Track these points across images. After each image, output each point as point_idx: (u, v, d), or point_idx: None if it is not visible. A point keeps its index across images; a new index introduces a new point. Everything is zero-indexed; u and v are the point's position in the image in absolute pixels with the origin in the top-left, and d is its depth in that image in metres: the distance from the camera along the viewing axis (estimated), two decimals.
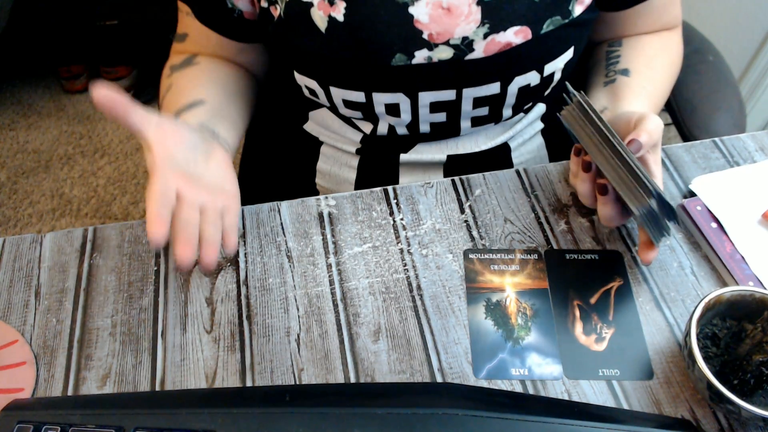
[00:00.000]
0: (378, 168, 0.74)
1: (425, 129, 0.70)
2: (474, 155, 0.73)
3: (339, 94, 0.65)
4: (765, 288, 0.58)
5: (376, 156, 0.74)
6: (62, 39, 1.85)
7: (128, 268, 0.61)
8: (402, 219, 0.64)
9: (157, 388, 0.54)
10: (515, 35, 0.60)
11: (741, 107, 0.85)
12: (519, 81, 0.64)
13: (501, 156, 0.74)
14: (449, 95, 0.65)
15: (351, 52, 0.61)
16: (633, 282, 0.60)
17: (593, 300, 0.59)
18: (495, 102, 0.66)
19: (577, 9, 0.62)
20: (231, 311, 0.58)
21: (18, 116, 1.88)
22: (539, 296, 0.59)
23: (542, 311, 0.58)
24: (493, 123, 0.71)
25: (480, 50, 0.61)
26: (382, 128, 0.71)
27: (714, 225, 0.62)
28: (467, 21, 0.59)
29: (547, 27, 0.61)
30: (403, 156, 0.73)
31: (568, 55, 0.65)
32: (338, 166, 0.76)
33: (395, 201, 0.66)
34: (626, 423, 0.49)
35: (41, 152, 1.78)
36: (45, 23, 1.81)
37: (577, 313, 0.58)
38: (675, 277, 0.60)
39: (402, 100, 0.65)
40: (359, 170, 0.75)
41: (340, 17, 0.60)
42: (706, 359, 0.51)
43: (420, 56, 0.61)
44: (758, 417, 0.46)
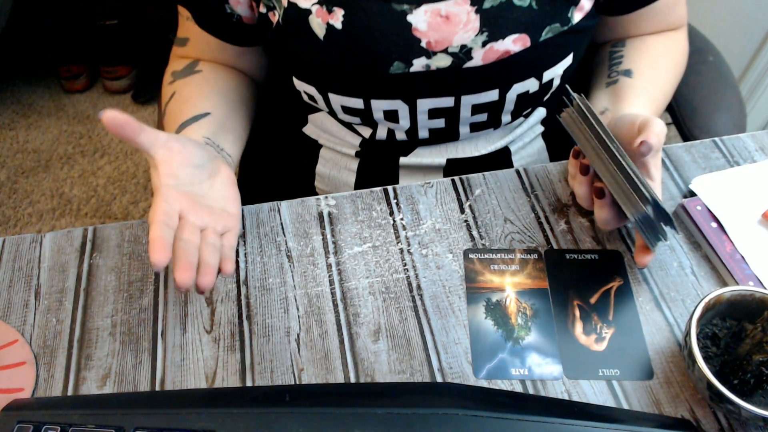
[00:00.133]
0: (377, 171, 0.74)
1: (424, 135, 0.70)
2: (474, 159, 0.73)
3: (337, 101, 0.65)
4: (765, 288, 0.58)
5: (376, 159, 0.74)
6: (62, 39, 1.85)
7: (128, 268, 0.61)
8: (402, 219, 0.64)
9: (157, 388, 0.54)
10: (514, 43, 0.60)
11: (741, 107, 0.85)
12: (517, 88, 0.64)
13: (501, 159, 0.74)
14: (448, 102, 0.65)
15: (349, 60, 0.61)
16: (633, 282, 0.60)
17: (593, 300, 0.59)
18: (493, 108, 0.66)
19: (577, 16, 0.62)
20: (231, 311, 0.58)
21: (18, 116, 1.88)
22: (539, 296, 0.59)
23: (542, 311, 0.58)
24: (492, 128, 0.71)
25: (478, 58, 0.60)
26: (381, 133, 0.71)
27: (714, 225, 0.62)
28: (466, 29, 0.59)
29: (546, 34, 0.61)
30: (403, 159, 0.73)
31: (567, 62, 0.65)
32: (337, 170, 0.76)
33: (395, 201, 0.66)
34: (626, 423, 0.49)
35: (41, 152, 1.78)
36: (45, 23, 1.81)
37: (577, 313, 0.58)
38: (675, 277, 0.60)
39: (400, 107, 0.65)
40: (359, 173, 0.75)
41: (339, 25, 0.59)
42: (706, 359, 0.51)
43: (418, 64, 0.61)
44: (758, 417, 0.47)
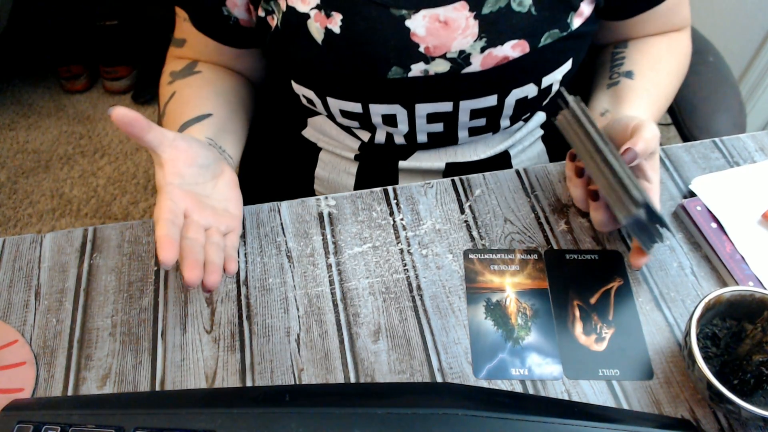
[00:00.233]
0: (377, 175, 0.74)
1: (423, 139, 0.69)
2: (473, 163, 0.72)
3: (336, 105, 0.65)
4: (765, 288, 0.58)
5: (375, 163, 0.74)
6: (62, 39, 1.85)
7: (128, 268, 0.61)
8: (402, 219, 0.64)
9: (157, 388, 0.54)
10: (512, 49, 0.60)
11: (741, 107, 0.85)
12: (516, 93, 0.64)
13: (501, 163, 0.74)
14: (446, 107, 0.65)
15: (347, 65, 0.61)
16: (633, 282, 0.60)
17: (593, 300, 0.59)
18: (492, 113, 0.66)
19: (576, 22, 0.62)
20: (231, 311, 0.58)
21: (18, 116, 1.88)
22: (539, 296, 0.59)
23: (542, 311, 0.58)
24: (491, 133, 0.71)
25: (477, 64, 0.60)
26: (380, 137, 0.71)
27: (714, 225, 0.62)
28: (464, 35, 0.59)
29: (545, 40, 0.60)
30: (402, 163, 0.73)
31: (567, 67, 0.64)
32: (336, 173, 0.76)
33: (395, 201, 0.66)
34: (626, 423, 0.49)
35: (41, 152, 1.78)
36: (45, 23, 1.81)
37: (577, 313, 0.58)
38: (675, 277, 0.60)
39: (399, 111, 0.65)
40: (358, 176, 0.75)
41: (337, 29, 0.59)
42: (706, 359, 0.51)
43: (416, 69, 0.61)
44: (758, 417, 0.46)
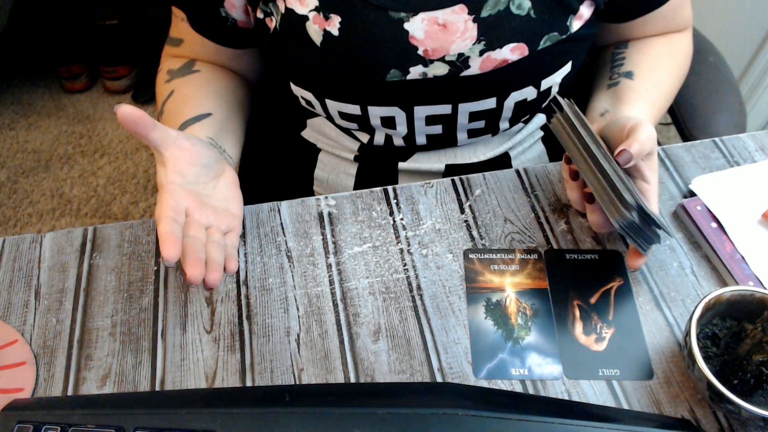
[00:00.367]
0: (376, 176, 0.74)
1: (422, 141, 0.69)
2: (473, 165, 0.72)
3: (334, 107, 0.65)
4: (765, 288, 0.58)
5: (374, 164, 0.74)
6: (62, 39, 1.85)
7: (128, 268, 0.61)
8: (402, 219, 0.64)
9: (157, 388, 0.54)
10: (511, 52, 0.60)
11: (741, 107, 0.85)
12: (515, 96, 0.64)
13: (501, 165, 0.74)
14: (445, 109, 0.65)
15: (346, 67, 0.61)
16: (633, 282, 0.60)
17: (593, 300, 0.59)
18: (491, 116, 0.66)
19: (575, 24, 0.62)
20: (231, 311, 0.58)
21: (18, 116, 1.88)
22: (539, 296, 0.59)
23: (542, 311, 0.58)
24: (491, 135, 0.71)
25: (476, 67, 0.60)
26: (379, 138, 0.71)
27: (714, 225, 0.62)
28: (463, 38, 0.59)
29: (544, 43, 0.60)
30: (402, 164, 0.73)
31: (566, 70, 0.64)
32: (336, 174, 0.76)
33: (395, 201, 0.66)
34: (626, 423, 0.49)
35: (41, 152, 1.78)
36: (45, 23, 1.80)
37: (577, 313, 0.58)
38: (675, 277, 0.60)
39: (397, 114, 0.65)
40: (357, 178, 0.75)
41: (335, 32, 0.59)
42: (706, 359, 0.51)
43: (415, 72, 0.61)
44: (758, 417, 0.47)
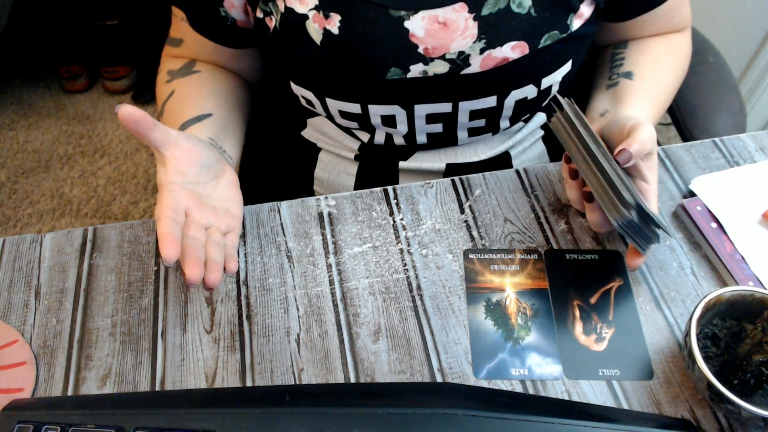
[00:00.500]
0: (377, 175, 0.74)
1: (422, 139, 0.69)
2: (474, 164, 0.72)
3: (335, 105, 0.65)
4: (765, 288, 0.58)
5: (375, 163, 0.74)
6: (62, 39, 1.85)
7: (128, 268, 0.61)
8: (402, 219, 0.64)
9: (157, 388, 0.54)
10: (512, 50, 0.60)
11: (741, 107, 0.85)
12: (516, 94, 0.64)
13: (502, 164, 0.74)
14: (445, 108, 0.65)
15: (346, 65, 0.61)
16: (633, 282, 0.60)
17: (593, 300, 0.59)
18: (492, 114, 0.66)
19: (576, 23, 0.62)
20: (231, 311, 0.58)
21: (18, 116, 1.88)
22: (539, 296, 0.59)
23: (542, 311, 0.58)
24: (491, 133, 0.71)
25: (476, 65, 0.60)
26: (379, 137, 0.71)
27: (714, 225, 0.62)
28: (463, 36, 0.59)
29: (545, 42, 0.60)
30: (402, 163, 0.73)
31: (566, 68, 0.64)
32: (336, 173, 0.76)
33: (395, 201, 0.66)
34: (626, 423, 0.49)
35: (41, 152, 1.78)
36: (45, 23, 1.80)
37: (577, 313, 0.58)
38: (675, 277, 0.60)
39: (398, 112, 0.65)
40: (358, 177, 0.75)
41: (335, 30, 0.59)
42: (706, 359, 0.51)
43: (415, 70, 0.61)
44: (758, 417, 0.47)
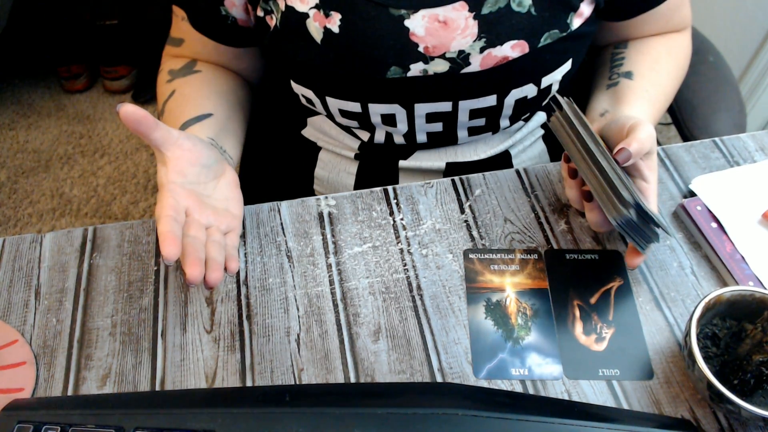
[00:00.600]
0: (377, 174, 0.74)
1: (422, 138, 0.69)
2: (474, 163, 0.72)
3: (335, 104, 0.65)
4: (765, 288, 0.58)
5: (375, 162, 0.74)
6: (62, 39, 1.85)
7: (128, 268, 0.61)
8: (402, 219, 0.64)
9: (157, 388, 0.54)
10: (512, 49, 0.60)
11: (741, 107, 0.85)
12: (516, 93, 0.64)
13: (502, 163, 0.74)
14: (445, 107, 0.65)
15: (346, 64, 0.61)
16: (633, 282, 0.60)
17: (593, 300, 0.59)
18: (492, 113, 0.66)
19: (576, 22, 0.62)
20: (231, 311, 0.58)
21: (18, 116, 1.88)
22: (539, 296, 0.59)
23: (542, 311, 0.58)
24: (491, 132, 0.71)
25: (476, 64, 0.60)
26: (379, 136, 0.71)
27: (714, 225, 0.62)
28: (463, 35, 0.59)
29: (545, 40, 0.60)
30: (402, 162, 0.73)
31: (566, 68, 0.64)
32: (336, 173, 0.76)
33: (395, 201, 0.66)
34: (626, 423, 0.49)
35: (41, 152, 1.78)
36: (45, 23, 1.80)
37: (577, 313, 0.58)
38: (675, 277, 0.60)
39: (398, 111, 0.65)
40: (358, 176, 0.75)
41: (336, 29, 0.59)
42: (706, 359, 0.51)
43: (415, 69, 0.61)
44: (758, 417, 0.47)
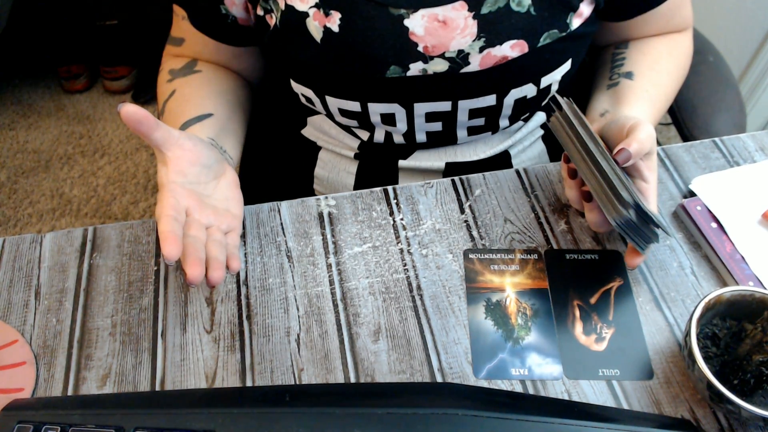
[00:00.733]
0: (377, 174, 0.74)
1: (422, 138, 0.69)
2: (474, 163, 0.72)
3: (334, 103, 0.65)
4: (765, 288, 0.58)
5: (375, 162, 0.74)
6: (62, 39, 1.85)
7: (128, 268, 0.61)
8: (402, 219, 0.64)
9: (157, 388, 0.54)
10: (511, 49, 0.60)
11: (741, 107, 0.85)
12: (515, 93, 0.64)
13: (501, 163, 0.74)
14: (445, 106, 0.65)
15: (346, 63, 0.61)
16: (633, 282, 0.60)
17: (593, 300, 0.59)
18: (491, 113, 0.66)
19: (575, 22, 0.62)
20: (231, 311, 0.58)
21: (18, 116, 1.88)
22: (539, 296, 0.59)
23: (542, 311, 0.58)
24: (491, 132, 0.71)
25: (476, 63, 0.60)
26: (379, 136, 0.71)
27: (714, 225, 0.62)
28: (463, 34, 0.59)
29: (544, 40, 0.60)
30: (402, 162, 0.73)
31: (566, 68, 0.64)
32: (336, 172, 0.76)
33: (395, 201, 0.66)
34: (626, 423, 0.49)
35: (41, 152, 1.78)
36: (45, 23, 1.80)
37: (577, 313, 0.58)
38: (675, 277, 0.60)
39: (397, 110, 0.65)
40: (358, 176, 0.75)
41: (335, 28, 0.59)
42: (706, 359, 0.51)
43: (415, 68, 0.61)
44: (758, 417, 0.47)
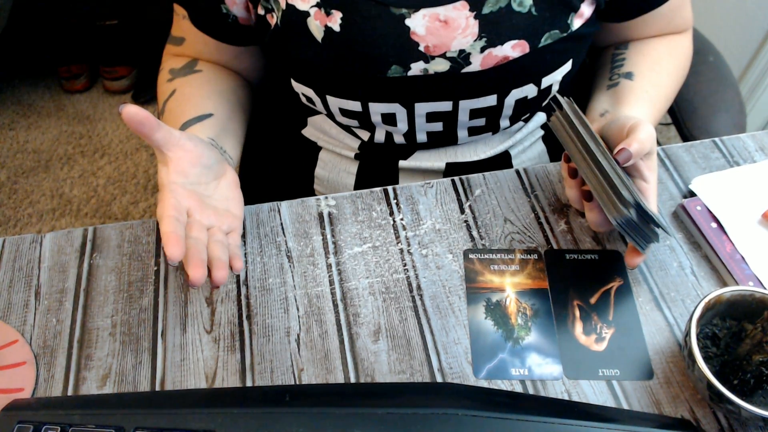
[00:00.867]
0: (377, 174, 0.74)
1: (422, 138, 0.69)
2: (474, 163, 0.72)
3: (335, 103, 0.65)
4: (765, 288, 0.58)
5: (375, 162, 0.74)
6: (62, 39, 1.85)
7: (128, 268, 0.61)
8: (402, 219, 0.64)
9: (157, 388, 0.54)
10: (513, 49, 0.60)
11: (741, 107, 0.85)
12: (516, 93, 0.64)
13: (502, 163, 0.74)
14: (445, 106, 0.65)
15: (347, 63, 0.61)
16: (633, 282, 0.60)
17: (593, 300, 0.59)
18: (492, 113, 0.66)
19: (576, 23, 0.62)
20: (231, 311, 0.58)
21: (18, 116, 1.88)
22: (539, 296, 0.59)
23: (542, 311, 0.58)
24: (491, 133, 0.71)
25: (477, 63, 0.60)
26: (379, 136, 0.71)
27: (714, 225, 0.62)
28: (464, 34, 0.59)
29: (545, 41, 0.60)
30: (402, 162, 0.73)
31: (567, 68, 0.65)
32: (336, 172, 0.76)
33: (395, 201, 0.66)
34: (626, 423, 0.49)
35: (41, 152, 1.78)
36: (45, 23, 1.81)
37: (577, 313, 0.58)
38: (675, 277, 0.60)
39: (398, 110, 0.65)
40: (358, 176, 0.75)
41: (336, 27, 0.59)
42: (706, 359, 0.51)
43: (416, 68, 0.61)
44: (758, 417, 0.47)
